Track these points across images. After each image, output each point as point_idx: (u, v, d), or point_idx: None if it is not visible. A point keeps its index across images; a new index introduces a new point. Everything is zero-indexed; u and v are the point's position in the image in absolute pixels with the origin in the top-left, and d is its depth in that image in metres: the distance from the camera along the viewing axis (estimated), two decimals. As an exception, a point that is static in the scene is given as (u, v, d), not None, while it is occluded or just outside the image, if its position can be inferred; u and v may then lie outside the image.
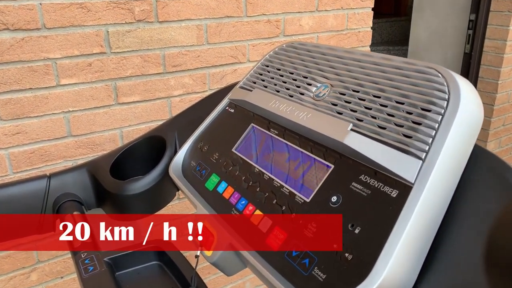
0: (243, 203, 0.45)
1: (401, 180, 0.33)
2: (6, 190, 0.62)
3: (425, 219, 0.32)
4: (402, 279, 0.31)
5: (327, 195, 0.38)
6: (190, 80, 0.99)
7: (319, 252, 0.35)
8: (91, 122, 0.89)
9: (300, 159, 0.43)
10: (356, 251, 0.33)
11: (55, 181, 0.65)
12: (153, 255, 0.52)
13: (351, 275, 0.32)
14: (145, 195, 0.61)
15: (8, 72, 0.78)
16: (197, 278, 0.44)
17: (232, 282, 1.27)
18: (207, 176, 0.53)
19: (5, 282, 0.89)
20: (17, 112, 0.81)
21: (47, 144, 0.85)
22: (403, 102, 0.37)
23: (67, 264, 0.96)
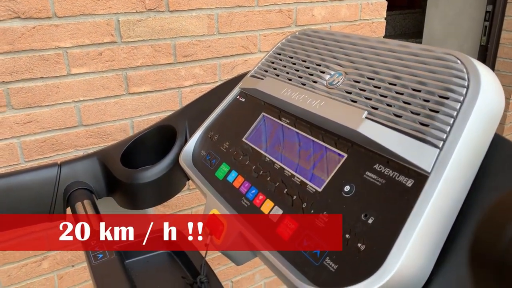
0: (253, 193, 0.45)
1: (417, 169, 0.32)
2: (18, 177, 0.62)
3: (441, 209, 0.31)
4: (416, 271, 0.30)
5: (339, 184, 0.37)
6: (200, 71, 0.98)
7: (328, 240, 0.34)
8: (102, 112, 0.89)
9: (312, 148, 0.42)
10: (369, 242, 0.32)
11: (66, 170, 0.65)
12: (162, 243, 0.51)
13: (363, 266, 0.31)
14: (155, 184, 0.61)
15: (20, 60, 0.78)
16: (206, 267, 0.44)
17: (241, 274, 1.27)
18: (217, 165, 0.52)
19: (17, 270, 0.90)
20: (29, 101, 0.81)
21: (58, 133, 0.86)
22: (420, 90, 0.36)
23: (78, 253, 0.97)
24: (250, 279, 1.29)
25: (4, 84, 0.78)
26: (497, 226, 0.21)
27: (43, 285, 0.94)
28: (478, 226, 0.21)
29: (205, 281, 0.42)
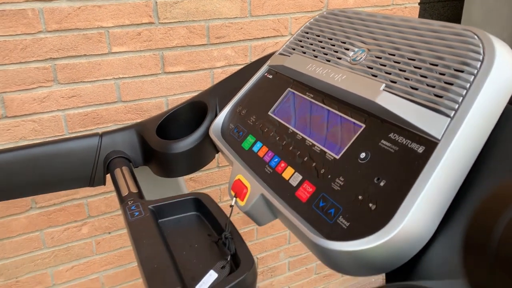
0: (276, 161, 0.48)
1: (428, 136, 0.35)
2: (63, 144, 0.68)
3: (448, 174, 0.33)
4: (421, 229, 0.33)
5: (356, 152, 0.40)
6: (232, 52, 1.02)
7: (342, 200, 0.37)
8: (139, 89, 0.95)
9: (333, 119, 0.45)
10: (379, 202, 0.35)
11: (106, 139, 0.71)
12: (192, 205, 0.56)
13: (373, 223, 0.34)
14: (187, 154, 0.66)
15: (66, 39, 0.84)
16: (230, 226, 0.48)
17: (267, 251, 1.31)
18: (244, 137, 0.56)
19: (60, 233, 0.98)
20: (73, 77, 0.87)
21: (99, 108, 0.92)
22: (437, 64, 0.38)
23: (115, 221, 1.04)
24: (274, 257, 1.34)
25: (52, 60, 0.84)
26: (491, 216, 0.21)
27: (82, 249, 1.02)
28: (472, 217, 0.22)
29: (229, 237, 0.46)
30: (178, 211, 0.56)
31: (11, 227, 0.92)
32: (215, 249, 0.48)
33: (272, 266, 1.35)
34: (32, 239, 0.96)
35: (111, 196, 1.01)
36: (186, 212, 0.56)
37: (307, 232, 0.38)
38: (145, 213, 0.53)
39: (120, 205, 0.57)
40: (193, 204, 0.56)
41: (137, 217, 0.52)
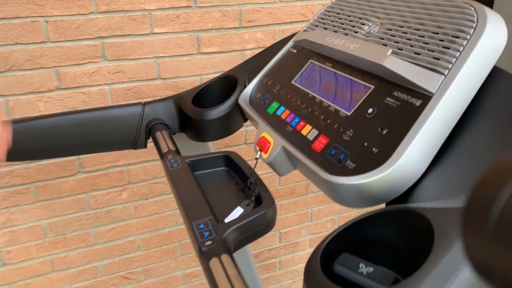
0: (296, 121, 0.55)
1: (424, 92, 0.41)
2: (110, 111, 0.78)
3: (439, 122, 0.39)
4: (414, 166, 0.39)
5: (365, 108, 0.47)
6: (262, 35, 1.09)
7: (351, 148, 0.44)
8: (176, 68, 1.04)
9: (347, 83, 0.52)
10: (381, 146, 0.41)
11: (148, 108, 0.80)
12: (222, 161, 0.64)
13: (375, 162, 0.41)
14: (218, 121, 0.74)
15: (113, 19, 0.94)
16: (254, 175, 0.55)
17: (289, 226, 1.39)
18: (269, 103, 0.63)
19: (103, 196, 1.09)
20: (119, 54, 0.97)
21: (141, 84, 1.02)
22: (438, 32, 0.44)
23: (151, 189, 1.14)
24: (296, 233, 1.41)
25: (101, 38, 0.94)
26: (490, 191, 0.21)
27: (121, 212, 1.13)
28: (471, 191, 0.23)
29: (253, 182, 0.54)
30: (210, 165, 0.64)
31: (61, 188, 1.04)
32: (241, 194, 0.56)
33: (294, 242, 1.43)
34: (78, 200, 1.07)
35: (149, 165, 1.11)
36: (217, 167, 0.65)
37: (321, 173, 0.45)
38: (183, 165, 0.61)
39: (161, 160, 0.66)
40: (223, 160, 0.64)
41: (176, 168, 0.61)
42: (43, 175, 1.00)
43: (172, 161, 0.63)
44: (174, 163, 0.62)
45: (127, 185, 1.10)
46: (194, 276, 1.31)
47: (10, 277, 1.08)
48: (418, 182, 0.40)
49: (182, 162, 0.62)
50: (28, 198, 1.02)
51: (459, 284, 0.29)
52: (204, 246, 0.43)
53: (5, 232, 1.03)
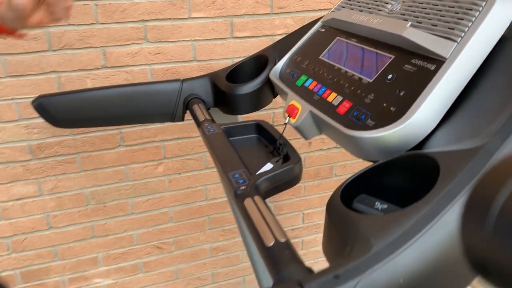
0: (323, 90, 0.61)
1: (439, 57, 0.46)
2: (152, 86, 0.86)
3: (449, 84, 0.45)
4: (426, 121, 0.45)
5: (385, 75, 0.52)
6: (292, 21, 1.15)
7: (372, 109, 0.50)
8: (211, 51, 1.11)
9: (370, 55, 0.57)
10: (398, 106, 0.47)
11: (186, 85, 0.87)
12: (254, 129, 0.70)
13: (391, 119, 0.46)
14: (250, 95, 0.80)
15: (155, 4, 1.02)
16: (282, 137, 0.62)
17: (312, 208, 1.44)
18: (298, 77, 0.69)
19: (140, 169, 1.18)
20: (159, 37, 1.05)
21: (178, 65, 1.09)
22: (454, 6, 0.49)
23: (184, 164, 1.22)
24: (320, 214, 1.46)
25: (143, 22, 1.02)
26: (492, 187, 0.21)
27: (157, 185, 1.22)
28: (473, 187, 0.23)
29: (282, 143, 0.60)
30: (243, 132, 0.71)
31: (103, 159, 1.13)
32: (270, 156, 0.63)
33: (317, 223, 1.48)
34: (118, 172, 1.16)
35: (183, 142, 1.19)
36: (249, 134, 0.71)
37: (345, 130, 0.50)
38: (218, 131, 0.68)
39: (198, 128, 0.73)
40: (255, 127, 0.71)
41: (212, 133, 0.68)
42: (88, 146, 1.10)
43: (208, 127, 0.70)
44: (211, 129, 0.69)
45: (163, 159, 1.19)
46: (221, 250, 1.39)
47: (56, 240, 1.19)
48: (430, 135, 0.46)
49: (217, 128, 0.69)
50: (74, 168, 1.12)
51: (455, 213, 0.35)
52: (239, 190, 0.50)
53: (52, 198, 1.13)
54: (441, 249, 0.34)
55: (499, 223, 0.20)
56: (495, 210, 0.21)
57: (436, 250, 0.34)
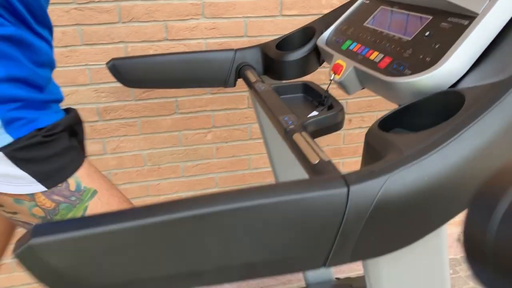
0: (366, 50, 0.68)
1: (472, 14, 0.52)
2: (209, 54, 0.96)
3: (479, 36, 0.51)
4: (456, 68, 0.51)
5: (423, 33, 0.59)
6: (337, 2, 1.21)
7: (409, 61, 0.57)
8: (260, 28, 1.20)
9: (411, 18, 0.64)
10: (432, 56, 0.54)
11: (239, 54, 0.96)
12: (301, 88, 0.79)
13: (426, 67, 0.53)
14: (297, 62, 0.88)
15: (213, -17, 1.12)
16: (327, 92, 0.69)
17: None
18: (343, 42, 0.77)
19: (192, 136, 1.30)
20: (215, 13, 1.15)
21: (230, 40, 1.19)
22: (488, -30, 0.55)
23: (231, 134, 1.32)
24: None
25: (202, -1, 1.13)
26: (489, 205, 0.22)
27: (205, 152, 1.33)
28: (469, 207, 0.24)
29: (327, 95, 0.68)
30: (291, 91, 0.79)
31: (160, 124, 1.25)
32: (316, 107, 0.71)
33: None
34: (172, 137, 1.28)
35: (231, 113, 1.29)
36: (296, 93, 0.80)
37: (385, 78, 0.58)
38: (270, 88, 0.77)
39: (250, 89, 0.82)
40: (302, 87, 0.79)
41: (264, 90, 0.77)
42: (148, 111, 1.23)
43: (260, 86, 0.79)
44: (262, 87, 0.78)
45: (212, 128, 1.30)
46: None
47: (115, 196, 1.33)
48: (460, 80, 0.52)
49: (268, 86, 0.78)
50: (134, 130, 1.24)
51: (475, 135, 0.41)
52: (288, 127, 0.59)
53: (114, 157, 1.27)
54: (460, 159, 0.41)
55: (506, 219, 0.21)
56: (502, 208, 0.21)
57: (456, 160, 0.41)
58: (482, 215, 0.22)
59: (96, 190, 0.62)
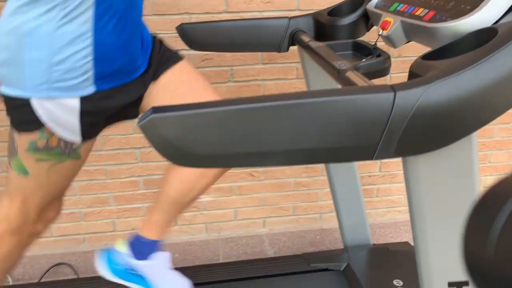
0: (412, 8, 0.76)
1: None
2: (265, 20, 1.07)
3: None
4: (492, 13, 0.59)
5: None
6: (386, -21, 1.29)
7: (451, 11, 0.64)
8: (312, 2, 1.29)
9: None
10: (471, 5, 0.61)
11: (292, 21, 1.07)
12: (351, 46, 0.88)
13: (466, 13, 0.61)
14: (348, 26, 0.97)
15: (270, -41, 1.22)
16: (375, 44, 0.78)
17: (389, 157, 1.57)
18: (391, 5, 0.85)
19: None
20: (270, -12, 1.26)
21: (283, 13, 1.29)
22: None
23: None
24: (397, 165, 1.59)
25: (259, -26, 1.24)
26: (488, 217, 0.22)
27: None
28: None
29: (375, 47, 0.77)
30: (342, 49, 0.89)
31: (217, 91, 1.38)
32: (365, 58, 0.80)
33: (393, 173, 1.60)
34: (226, 103, 1.40)
35: (281, 83, 1.39)
36: (347, 51, 0.89)
37: (429, 25, 0.66)
38: (323, 45, 0.86)
39: (304, 50, 0.92)
40: (352, 45, 0.88)
41: (317, 46, 0.86)
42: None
43: (313, 43, 0.89)
44: (316, 44, 0.88)
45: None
46: (303, 185, 1.58)
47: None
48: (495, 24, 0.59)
49: (321, 43, 0.87)
50: (193, 96, 1.38)
51: (506, 56, 0.49)
52: (341, 68, 0.68)
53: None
54: (492, 76, 0.49)
55: (504, 232, 0.21)
56: (501, 221, 0.21)
57: (487, 77, 0.49)
58: (480, 232, 0.23)
59: None
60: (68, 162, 0.77)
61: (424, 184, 0.54)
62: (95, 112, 0.74)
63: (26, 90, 0.68)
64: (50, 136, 0.72)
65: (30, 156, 0.75)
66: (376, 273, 1.27)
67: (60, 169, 0.77)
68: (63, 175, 0.79)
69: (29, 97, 0.69)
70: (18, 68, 0.67)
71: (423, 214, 0.56)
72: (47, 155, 0.74)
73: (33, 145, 0.73)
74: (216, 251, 1.62)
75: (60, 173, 0.78)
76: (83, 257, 1.57)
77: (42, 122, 0.70)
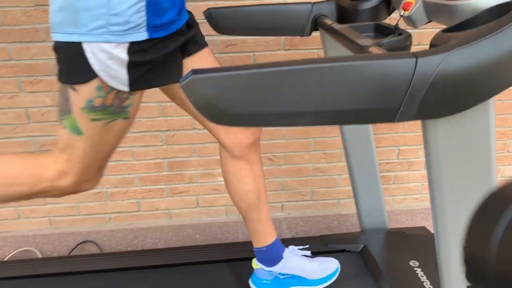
0: (434, -11, 0.79)
1: None
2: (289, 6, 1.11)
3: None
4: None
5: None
6: (408, -33, 1.31)
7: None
8: (333, -10, 1.33)
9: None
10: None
11: (315, 6, 1.10)
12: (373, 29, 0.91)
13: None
14: (370, 10, 1.01)
15: None
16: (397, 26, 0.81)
17: (407, 145, 1.58)
18: (413, -12, 0.88)
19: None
20: (294, -25, 1.30)
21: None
22: None
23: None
24: (414, 152, 1.61)
25: (283, -38, 1.28)
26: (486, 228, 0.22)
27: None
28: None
29: (396, 27, 0.80)
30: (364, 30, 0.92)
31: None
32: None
33: (410, 160, 1.63)
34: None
35: (301, 68, 1.43)
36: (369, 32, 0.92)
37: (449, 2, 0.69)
38: (346, 26, 0.90)
39: (328, 32, 0.96)
40: (374, 27, 0.92)
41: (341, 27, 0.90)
42: (228, 63, 1.40)
43: (336, 26, 0.93)
44: (339, 26, 0.92)
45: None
46: (321, 171, 1.62)
47: (196, 139, 1.52)
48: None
49: (345, 25, 0.91)
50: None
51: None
52: (364, 44, 0.72)
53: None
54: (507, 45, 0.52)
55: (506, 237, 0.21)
56: (503, 225, 0.21)
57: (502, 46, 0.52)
58: (481, 237, 0.23)
59: None
60: (119, 122, 0.82)
61: (443, 147, 0.58)
62: (141, 63, 0.77)
63: (82, 35, 0.71)
64: (106, 94, 0.77)
65: (85, 115, 0.79)
66: (392, 255, 1.30)
67: (112, 128, 0.82)
68: (114, 135, 0.85)
69: (84, 42, 0.72)
70: (74, 13, 0.70)
71: (441, 178, 0.59)
72: (102, 114, 0.79)
73: (90, 103, 0.78)
74: (236, 233, 1.67)
75: (111, 133, 0.83)
76: (108, 236, 1.64)
77: (94, 72, 0.74)
